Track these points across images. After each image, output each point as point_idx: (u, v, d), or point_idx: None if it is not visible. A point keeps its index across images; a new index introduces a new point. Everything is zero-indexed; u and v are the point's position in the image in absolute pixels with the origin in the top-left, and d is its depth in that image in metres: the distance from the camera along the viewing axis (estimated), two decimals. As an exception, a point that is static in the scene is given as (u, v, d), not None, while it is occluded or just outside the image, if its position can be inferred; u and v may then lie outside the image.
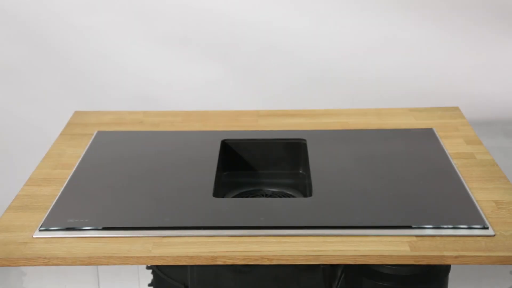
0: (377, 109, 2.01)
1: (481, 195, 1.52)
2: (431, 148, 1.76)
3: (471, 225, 1.40)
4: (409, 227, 1.40)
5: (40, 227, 1.42)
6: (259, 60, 2.33)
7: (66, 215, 1.46)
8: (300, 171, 1.75)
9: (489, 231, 1.38)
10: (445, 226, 1.40)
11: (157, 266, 1.66)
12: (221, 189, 1.66)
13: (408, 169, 1.65)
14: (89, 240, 1.38)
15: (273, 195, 1.69)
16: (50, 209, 1.49)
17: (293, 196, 1.57)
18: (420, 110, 1.98)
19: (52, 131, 2.04)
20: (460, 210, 1.47)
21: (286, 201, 1.52)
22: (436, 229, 1.39)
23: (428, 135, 1.83)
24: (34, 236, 1.39)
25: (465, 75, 2.32)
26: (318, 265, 1.53)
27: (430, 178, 1.61)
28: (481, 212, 1.45)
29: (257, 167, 1.76)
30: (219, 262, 1.33)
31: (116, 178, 1.63)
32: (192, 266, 1.54)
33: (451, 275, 1.51)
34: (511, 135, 2.38)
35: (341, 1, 2.26)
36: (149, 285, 1.74)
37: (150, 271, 1.72)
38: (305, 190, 1.64)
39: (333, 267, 1.56)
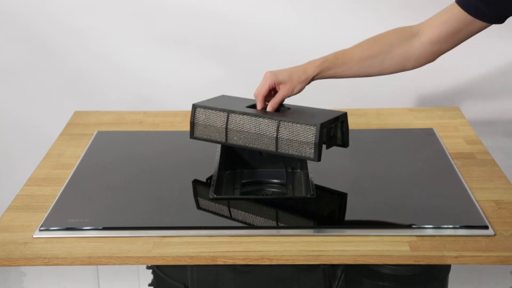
0: (377, 109, 2.01)
1: (481, 195, 1.52)
2: (431, 148, 1.76)
3: (471, 225, 1.40)
4: (409, 227, 1.40)
5: (40, 227, 1.42)
6: (259, 60, 2.33)
7: (66, 215, 1.46)
8: (300, 171, 1.74)
9: (489, 231, 1.38)
10: (445, 226, 1.39)
11: (157, 266, 1.65)
12: (221, 189, 1.65)
13: (408, 169, 1.65)
14: (89, 240, 1.38)
15: (273, 195, 1.69)
16: (50, 209, 1.49)
17: (293, 196, 1.57)
18: (420, 110, 1.98)
19: (52, 131, 2.04)
20: (460, 210, 1.47)
21: (286, 201, 1.52)
22: (436, 229, 1.39)
23: (428, 135, 1.83)
24: (34, 236, 1.39)
25: (465, 75, 2.32)
26: (318, 265, 1.53)
27: (430, 178, 1.61)
28: (481, 212, 1.45)
29: (257, 167, 1.76)
30: (219, 262, 1.33)
31: (116, 178, 1.63)
32: (192, 266, 1.54)
33: (451, 275, 1.51)
34: (511, 135, 2.37)
35: (341, 1, 2.26)
36: (149, 285, 1.74)
37: (150, 271, 1.72)
38: (305, 190, 1.64)
39: (333, 267, 1.56)
